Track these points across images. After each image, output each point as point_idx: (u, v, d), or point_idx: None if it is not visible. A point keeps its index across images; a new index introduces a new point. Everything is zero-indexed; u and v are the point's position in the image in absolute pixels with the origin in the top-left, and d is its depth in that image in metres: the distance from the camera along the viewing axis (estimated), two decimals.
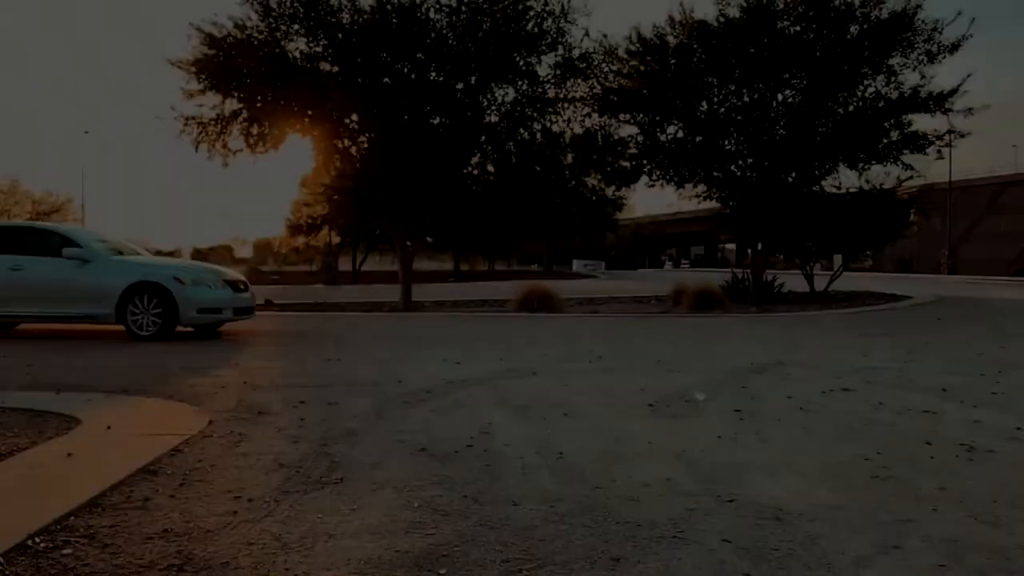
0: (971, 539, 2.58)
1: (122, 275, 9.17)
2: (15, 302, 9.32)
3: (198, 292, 9.19)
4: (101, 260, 9.34)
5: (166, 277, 9.14)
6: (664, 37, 16.66)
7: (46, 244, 9.52)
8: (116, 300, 9.05)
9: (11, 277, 9.30)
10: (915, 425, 4.36)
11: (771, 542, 2.54)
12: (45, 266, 9.33)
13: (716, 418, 4.55)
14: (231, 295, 9.64)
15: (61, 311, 9.28)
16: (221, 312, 9.48)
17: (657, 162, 18.07)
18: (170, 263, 10.34)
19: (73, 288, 9.19)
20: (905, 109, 15.66)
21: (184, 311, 9.06)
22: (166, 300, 9.04)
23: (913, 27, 15.24)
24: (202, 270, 9.87)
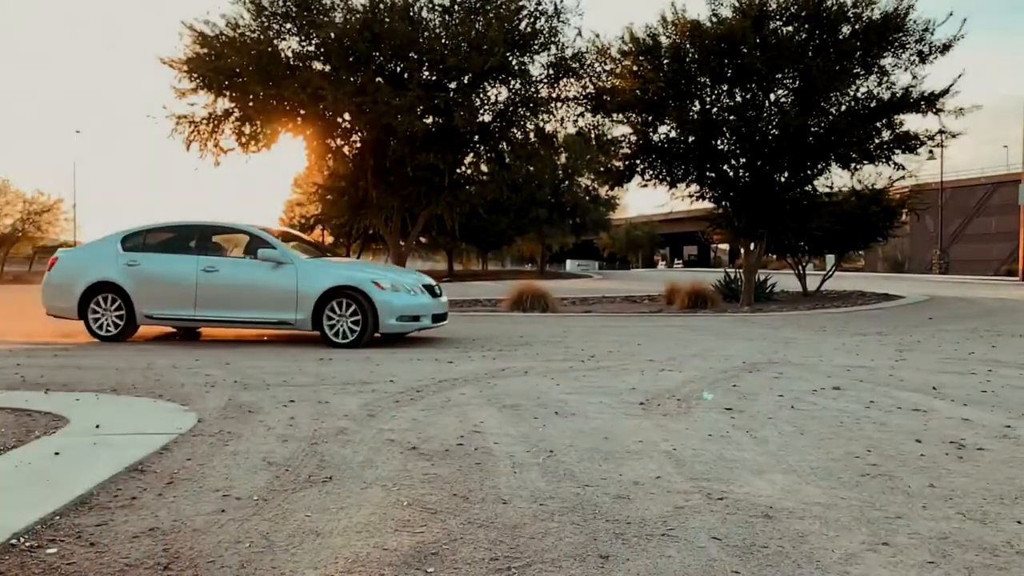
0: (960, 536, 2.59)
1: (319, 279, 8.52)
2: (207, 305, 8.74)
3: (398, 298, 8.47)
4: (297, 263, 8.68)
5: (365, 281, 8.44)
6: (657, 37, 16.67)
7: (239, 244, 9.13)
8: (313, 305, 8.42)
9: (205, 279, 8.75)
10: (906, 423, 4.37)
11: (761, 540, 2.54)
12: (239, 268, 8.81)
13: (707, 416, 4.55)
14: (430, 301, 8.85)
15: (254, 316, 8.66)
16: (419, 319, 8.69)
17: (650, 162, 18.08)
18: (366, 266, 9.71)
19: (268, 292, 8.58)
20: (897, 109, 15.68)
21: (384, 318, 8.35)
22: (363, 306, 8.36)
23: (904, 28, 15.28)
24: (400, 274, 9.21)
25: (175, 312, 8.83)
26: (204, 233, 9.14)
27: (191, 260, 8.84)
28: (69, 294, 9.02)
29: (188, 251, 8.94)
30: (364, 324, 8.33)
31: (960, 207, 53.99)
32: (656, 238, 70.80)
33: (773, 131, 15.77)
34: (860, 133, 15.14)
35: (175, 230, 9.32)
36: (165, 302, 8.83)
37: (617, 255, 70.43)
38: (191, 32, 15.22)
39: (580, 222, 47.02)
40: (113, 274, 8.93)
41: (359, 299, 8.37)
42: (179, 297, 8.77)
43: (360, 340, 8.33)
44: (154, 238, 9.30)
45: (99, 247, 9.39)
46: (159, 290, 8.84)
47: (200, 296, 8.72)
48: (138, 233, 9.35)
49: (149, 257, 9.02)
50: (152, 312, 8.85)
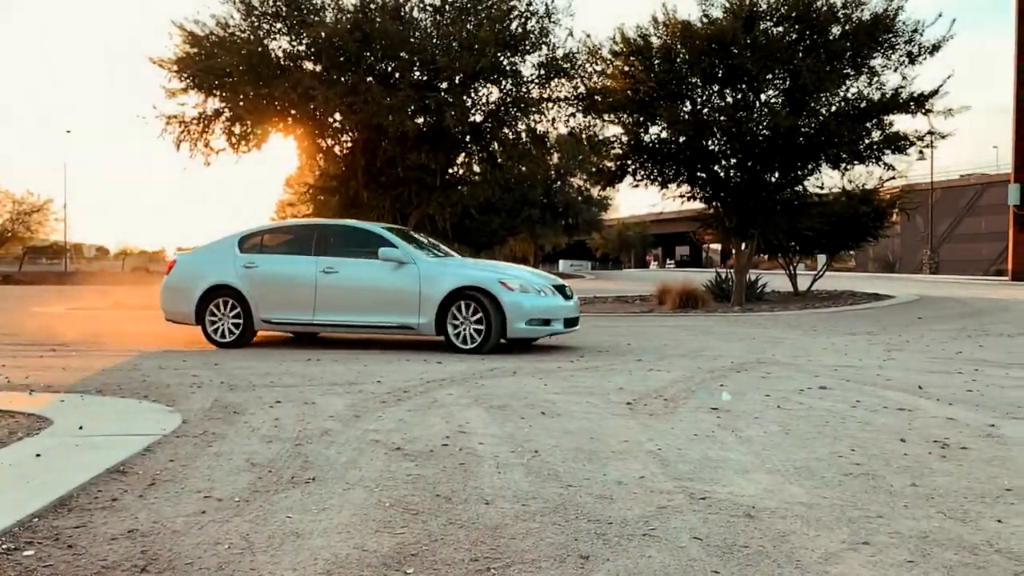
0: (940, 535, 2.59)
1: (443, 279, 7.95)
2: (326, 309, 8.24)
3: (528, 299, 7.80)
4: (420, 263, 8.12)
5: (491, 282, 7.83)
6: (648, 38, 16.70)
7: (360, 244, 8.44)
8: (436, 308, 7.87)
9: (324, 281, 8.26)
10: (891, 422, 4.38)
11: (741, 540, 2.54)
12: (359, 269, 8.27)
13: (693, 416, 4.55)
14: (561, 303, 8.12)
15: (375, 320, 8.14)
16: (550, 323, 7.95)
17: (641, 162, 18.12)
18: (492, 265, 8.97)
19: (389, 294, 8.06)
20: (887, 110, 15.75)
21: (512, 321, 7.71)
22: (488, 309, 7.76)
23: (894, 29, 15.36)
24: (529, 273, 8.51)
25: (293, 316, 8.36)
26: (323, 232, 8.65)
27: (309, 261, 8.37)
28: (187, 298, 8.60)
29: (306, 252, 8.46)
30: (489, 328, 7.72)
31: (950, 207, 54.26)
32: (648, 238, 70.94)
33: (764, 132, 15.80)
34: (850, 134, 15.19)
35: (293, 230, 8.97)
36: (283, 306, 8.36)
37: (610, 255, 70.52)
38: (181, 32, 15.18)
39: (573, 222, 47.07)
40: (230, 277, 8.50)
41: (484, 301, 7.76)
42: (297, 300, 8.31)
43: (485, 345, 7.75)
44: (272, 239, 8.89)
45: (216, 249, 8.94)
46: (277, 293, 8.38)
47: (319, 299, 8.23)
48: (256, 234, 8.95)
49: (267, 259, 8.58)
50: (269, 316, 8.40)
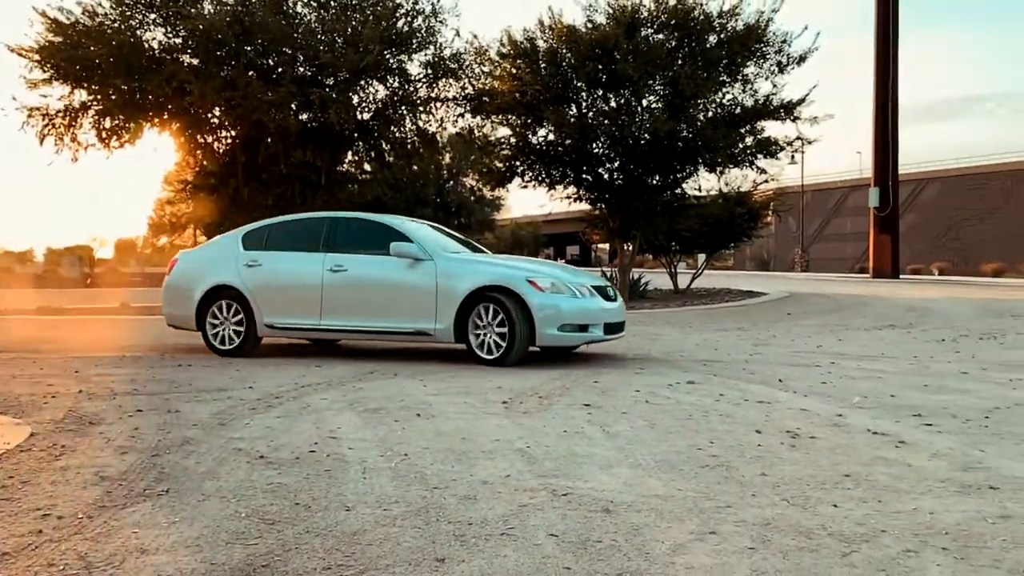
0: (781, 522, 2.74)
1: (462, 277, 6.96)
2: (334, 312, 7.35)
3: (561, 302, 6.78)
4: (437, 259, 7.13)
5: (518, 280, 6.81)
6: (534, 41, 16.93)
7: (373, 238, 7.48)
8: (455, 311, 6.88)
9: (331, 281, 7.36)
10: (750, 415, 4.60)
11: (596, 534, 2.60)
12: (370, 267, 7.35)
13: (566, 413, 4.64)
14: (602, 305, 7.09)
15: (386, 325, 7.19)
16: (588, 329, 6.91)
17: (529, 164, 18.36)
18: (520, 261, 7.87)
19: (402, 295, 7.13)
20: (759, 116, 16.57)
21: (542, 327, 6.69)
22: (512, 312, 6.71)
23: (765, 39, 16.16)
24: (563, 271, 7.52)
25: (298, 321, 7.49)
26: (333, 226, 7.72)
27: (316, 259, 7.49)
28: (187, 301, 7.84)
29: (314, 248, 7.59)
30: (513, 335, 6.69)
31: (820, 209, 57.70)
32: (541, 238, 71.79)
33: (645, 136, 16.30)
34: (725, 139, 15.86)
35: (300, 224, 8.05)
36: (287, 309, 7.52)
37: None
38: (44, 19, 14.25)
39: (466, 222, 46.94)
40: (232, 276, 7.68)
41: (508, 303, 6.72)
42: (302, 303, 7.46)
43: (509, 355, 6.71)
44: (278, 234, 7.97)
45: (220, 246, 8.21)
46: (281, 294, 7.56)
47: (326, 301, 7.36)
48: (261, 229, 8.12)
49: (271, 256, 7.73)
50: (273, 321, 7.55)
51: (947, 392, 5.39)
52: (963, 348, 8.14)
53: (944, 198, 51.66)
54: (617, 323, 7.22)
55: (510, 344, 6.70)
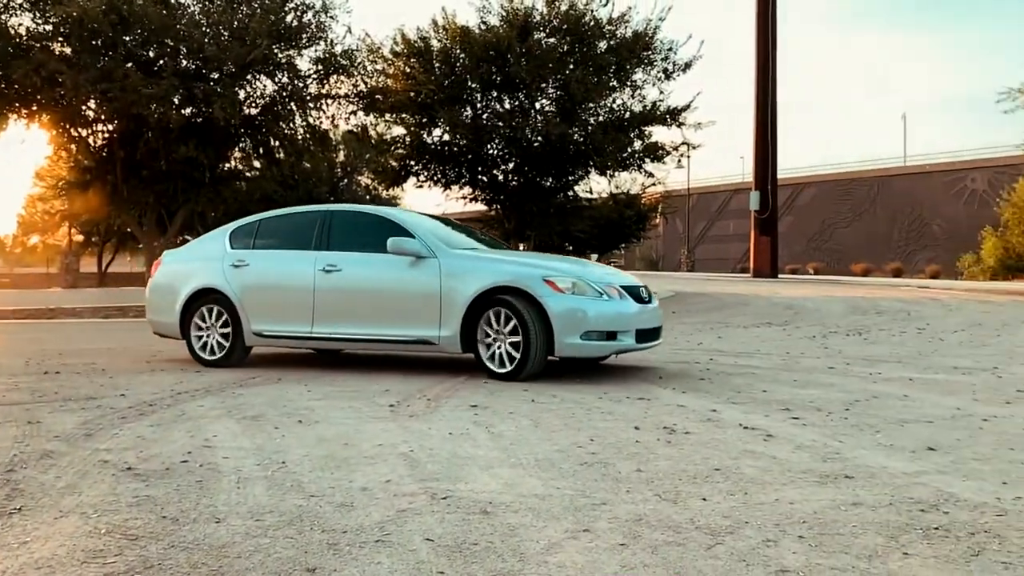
0: (653, 517, 2.83)
1: (469, 277, 6.09)
2: (326, 318, 6.54)
3: (583, 305, 5.88)
4: (441, 255, 6.28)
5: (532, 279, 5.92)
6: (428, 41, 16.87)
7: (371, 233, 6.62)
8: (461, 316, 6.04)
9: (324, 283, 6.56)
10: (630, 412, 4.73)
11: (472, 537, 2.61)
12: (367, 266, 6.51)
13: (452, 415, 4.64)
14: (633, 309, 6.13)
15: (384, 332, 6.36)
16: (617, 337, 5.97)
17: (424, 163, 18.28)
18: (536, 258, 6.84)
19: (402, 298, 6.31)
20: (647, 122, 17.10)
21: (562, 335, 5.80)
22: (526, 317, 5.82)
23: (652, 46, 16.67)
24: (585, 269, 6.53)
25: (288, 328, 6.71)
26: (328, 221, 6.87)
27: (307, 258, 6.71)
28: (170, 306, 7.18)
29: (306, 245, 6.82)
30: (528, 344, 5.81)
31: (705, 211, 60.10)
32: None
33: (538, 139, 16.53)
34: (615, 143, 16.29)
35: (292, 219, 7.25)
36: (277, 315, 6.75)
37: None
38: None
39: None
40: (218, 278, 6.99)
41: (520, 307, 5.85)
42: (292, 308, 6.68)
43: (523, 367, 5.85)
44: (268, 230, 7.21)
45: (206, 244, 7.50)
46: (269, 298, 6.80)
47: (319, 306, 6.57)
48: (250, 224, 7.35)
49: (259, 255, 7.01)
50: (261, 328, 6.80)
51: (814, 387, 5.71)
52: (831, 344, 8.64)
53: (818, 202, 54.76)
54: (651, 329, 6.31)
55: (524, 355, 5.83)
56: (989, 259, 40.04)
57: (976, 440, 4.02)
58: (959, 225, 46.63)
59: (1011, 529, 2.70)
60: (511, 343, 5.91)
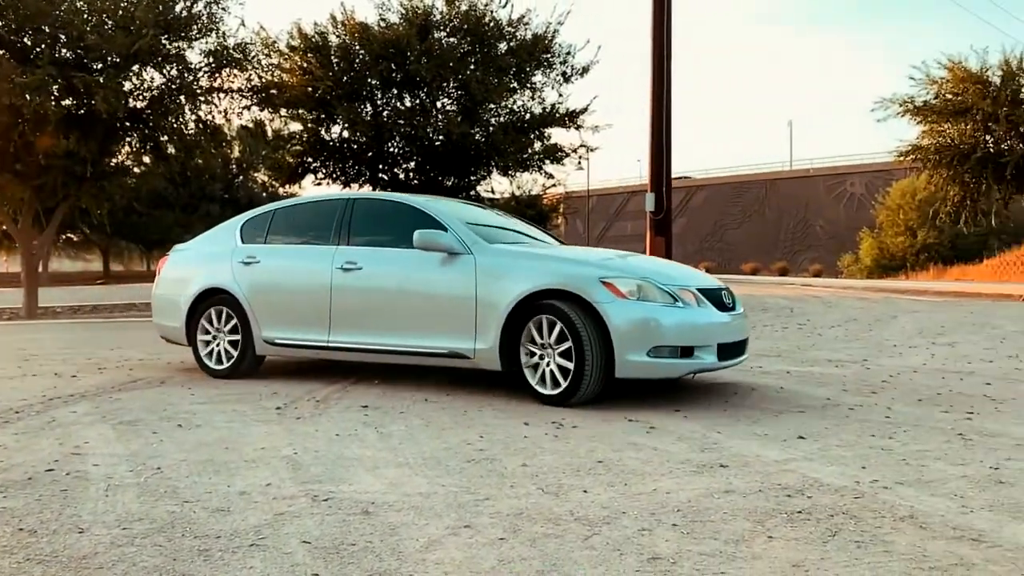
0: (534, 510, 2.87)
1: (510, 278, 5.02)
2: (344, 324, 5.66)
3: (652, 313, 4.72)
4: (477, 251, 5.24)
5: (587, 280, 4.81)
6: (326, 36, 16.55)
7: (394, 224, 5.74)
8: (501, 325, 4.98)
9: (342, 282, 5.67)
10: (521, 408, 4.78)
11: (351, 538, 2.58)
12: (390, 264, 5.58)
13: (341, 417, 4.57)
14: (715, 318, 4.99)
15: (408, 343, 5.39)
16: (694, 354, 4.81)
17: (323, 161, 17.92)
18: (590, 254, 5.69)
19: (431, 302, 5.32)
20: (546, 123, 17.28)
21: (624, 351, 4.67)
22: (579, 329, 4.70)
23: (551, 50, 16.88)
24: (654, 267, 5.34)
25: (301, 336, 5.84)
26: (348, 211, 5.97)
27: (324, 254, 5.83)
28: (175, 308, 6.44)
29: (324, 239, 5.97)
30: (582, 362, 4.69)
31: (604, 212, 61.47)
32: None
33: (439, 138, 16.47)
34: (515, 144, 16.39)
35: (307, 209, 6.48)
36: (289, 320, 5.91)
37: None
38: None
39: None
40: (226, 277, 6.22)
41: (575, 314, 4.72)
42: (306, 312, 5.81)
43: (576, 391, 4.74)
44: (282, 222, 6.41)
45: (215, 238, 6.70)
46: (281, 300, 5.97)
47: (336, 310, 5.66)
48: (264, 215, 6.55)
49: (272, 251, 6.21)
50: (273, 335, 5.95)
51: (699, 380, 5.93)
52: None
53: (711, 203, 56.89)
54: (736, 343, 5.15)
55: (578, 375, 4.71)
56: (866, 258, 42.57)
57: (842, 428, 4.27)
58: (839, 226, 49.41)
59: (866, 510, 2.88)
60: (562, 357, 4.81)
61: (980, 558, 2.42)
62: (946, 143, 17.58)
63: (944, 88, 17.50)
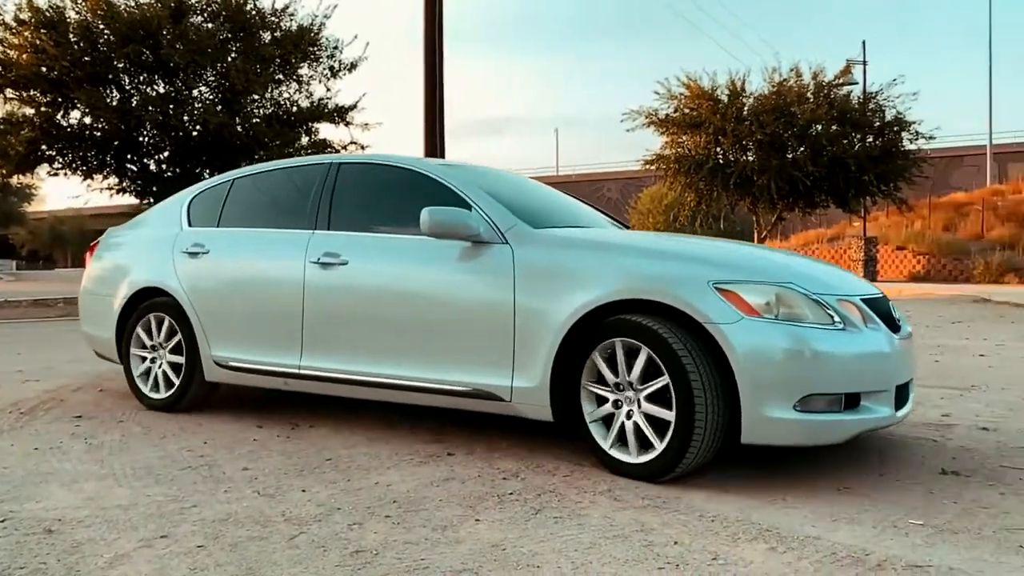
0: (243, 514, 2.76)
1: (572, 279, 3.32)
2: (324, 344, 3.98)
3: (802, 340, 2.96)
4: (516, 239, 3.54)
5: (694, 287, 3.07)
6: (63, 11, 14.95)
7: (391, 199, 4.11)
8: (554, 354, 3.30)
9: (319, 282, 4.01)
10: (259, 409, 4.60)
11: (22, 560, 2.33)
12: (388, 255, 3.88)
13: (47, 429, 4.11)
14: (892, 348, 3.18)
15: (413, 374, 3.68)
16: (861, 404, 3.05)
17: (59, 149, 16.16)
18: (691, 245, 3.57)
19: (446, 315, 3.61)
20: (314, 118, 16.88)
21: (757, 399, 2.92)
22: (682, 363, 2.98)
23: (318, 42, 16.50)
24: (789, 266, 3.33)
25: (264, 358, 4.20)
26: (328, 180, 4.28)
27: (295, 242, 4.18)
28: (104, 313, 4.88)
29: (297, 221, 4.28)
30: (689, 413, 2.97)
31: None
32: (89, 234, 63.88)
33: (197, 128, 15.48)
34: (281, 137, 15.83)
35: (276, 178, 4.65)
36: (247, 334, 4.27)
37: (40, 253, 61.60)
38: None
39: None
40: (165, 272, 4.62)
41: (673, 340, 3.04)
42: (271, 324, 4.18)
43: (678, 458, 3.02)
44: (242, 196, 4.68)
45: (160, 219, 5.00)
46: (236, 307, 4.33)
47: (311, 323, 4.04)
48: (218, 188, 4.83)
49: (226, 237, 4.54)
50: (227, 356, 4.33)
51: None
52: None
53: None
54: (908, 382, 3.39)
55: (683, 434, 2.99)
56: None
57: None
58: None
59: (571, 488, 3.08)
60: (652, 403, 3.12)
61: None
62: (684, 153, 19.43)
63: (683, 103, 19.32)
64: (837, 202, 19.71)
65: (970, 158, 39.94)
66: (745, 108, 18.64)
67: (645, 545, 2.48)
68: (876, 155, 18.53)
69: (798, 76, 18.89)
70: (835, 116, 18.41)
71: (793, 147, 18.59)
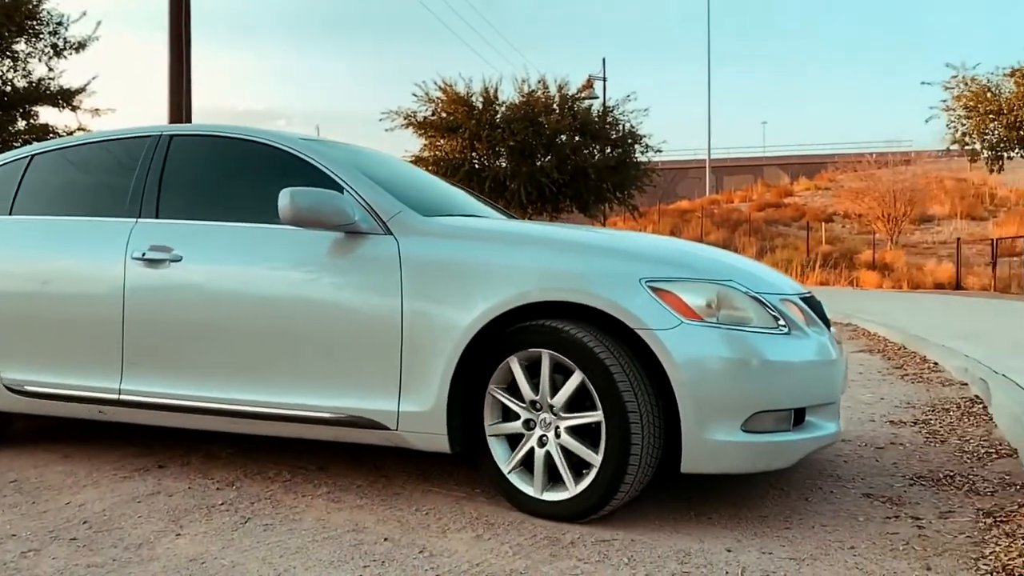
0: None
1: (475, 277, 2.53)
2: (152, 362, 3.02)
3: (748, 348, 2.39)
4: (401, 229, 2.65)
5: (624, 286, 2.39)
6: None
7: (240, 181, 3.15)
8: (453, 369, 2.50)
9: (143, 286, 3.05)
10: None
11: None
12: (235, 248, 2.94)
13: None
14: (834, 355, 2.74)
15: (271, 398, 2.75)
16: (806, 420, 2.55)
17: None
18: (617, 239, 2.94)
19: (313, 324, 2.67)
20: (33, 100, 15.11)
21: (701, 420, 2.31)
22: (619, 377, 2.29)
23: (37, 16, 14.80)
24: (723, 263, 2.80)
25: (73, 380, 3.21)
26: (155, 156, 3.30)
27: (113, 232, 3.23)
28: None
29: (115, 207, 3.31)
30: (621, 438, 2.43)
31: None
32: None
33: None
34: None
35: (87, 156, 3.59)
36: (51, 351, 3.27)
37: None
38: None
39: None
40: None
41: (599, 350, 2.47)
42: (81, 337, 3.22)
43: (610, 494, 2.49)
44: (43, 177, 3.57)
45: None
46: (35, 316, 3.33)
47: (133, 334, 3.09)
48: (12, 167, 3.64)
49: (18, 227, 3.51)
50: (22, 378, 3.31)
51: None
52: None
53: None
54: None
55: (614, 465, 2.50)
56: None
57: None
58: None
59: (289, 493, 3.02)
60: (573, 436, 2.61)
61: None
62: (442, 156, 19.82)
63: (440, 107, 19.69)
64: (580, 207, 21.16)
65: (693, 170, 44.76)
66: (498, 115, 19.38)
67: (354, 545, 2.51)
68: (613, 165, 20.11)
69: (545, 88, 20.00)
70: (578, 127, 19.73)
71: (541, 155, 19.65)
